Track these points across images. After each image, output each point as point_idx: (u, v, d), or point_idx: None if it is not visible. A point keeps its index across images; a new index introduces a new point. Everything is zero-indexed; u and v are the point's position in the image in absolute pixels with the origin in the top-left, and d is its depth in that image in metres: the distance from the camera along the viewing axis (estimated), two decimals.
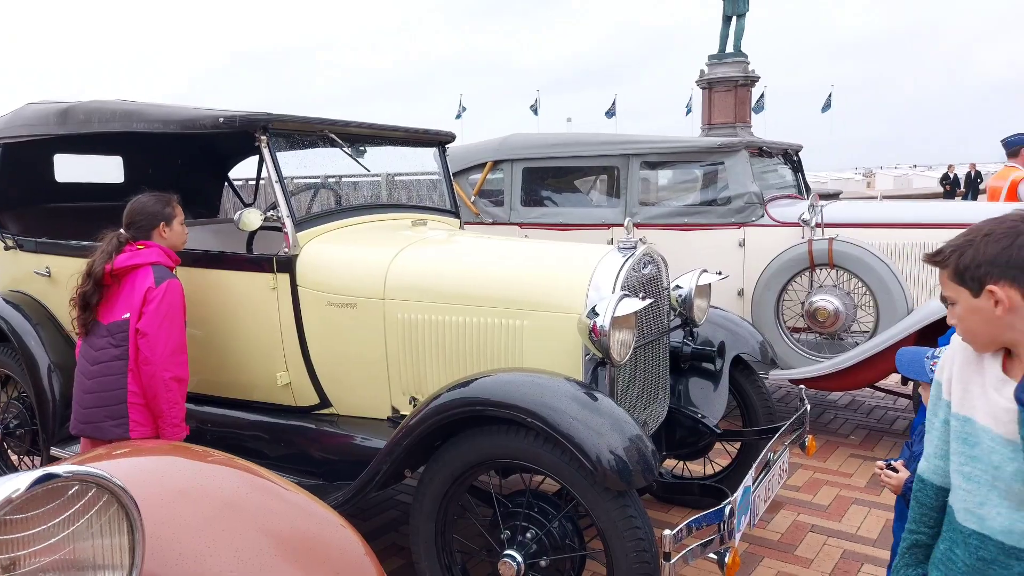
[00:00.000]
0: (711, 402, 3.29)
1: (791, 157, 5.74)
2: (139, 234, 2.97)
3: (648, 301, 2.67)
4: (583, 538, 2.44)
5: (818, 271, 4.54)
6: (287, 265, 3.05)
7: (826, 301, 4.45)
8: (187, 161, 4.90)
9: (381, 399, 3.10)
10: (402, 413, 3.06)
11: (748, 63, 23.52)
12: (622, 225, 5.18)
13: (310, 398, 3.19)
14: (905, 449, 2.32)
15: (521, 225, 5.58)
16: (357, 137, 3.48)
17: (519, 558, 2.36)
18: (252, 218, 2.95)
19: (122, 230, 2.97)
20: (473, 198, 5.84)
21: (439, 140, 4.01)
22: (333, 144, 3.34)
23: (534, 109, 49.57)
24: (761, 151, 5.21)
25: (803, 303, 4.56)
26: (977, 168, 21.75)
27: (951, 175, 21.97)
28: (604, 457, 2.16)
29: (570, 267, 2.83)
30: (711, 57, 23.46)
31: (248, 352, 3.19)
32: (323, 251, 3.09)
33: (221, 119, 2.99)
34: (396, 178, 4.50)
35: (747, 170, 4.86)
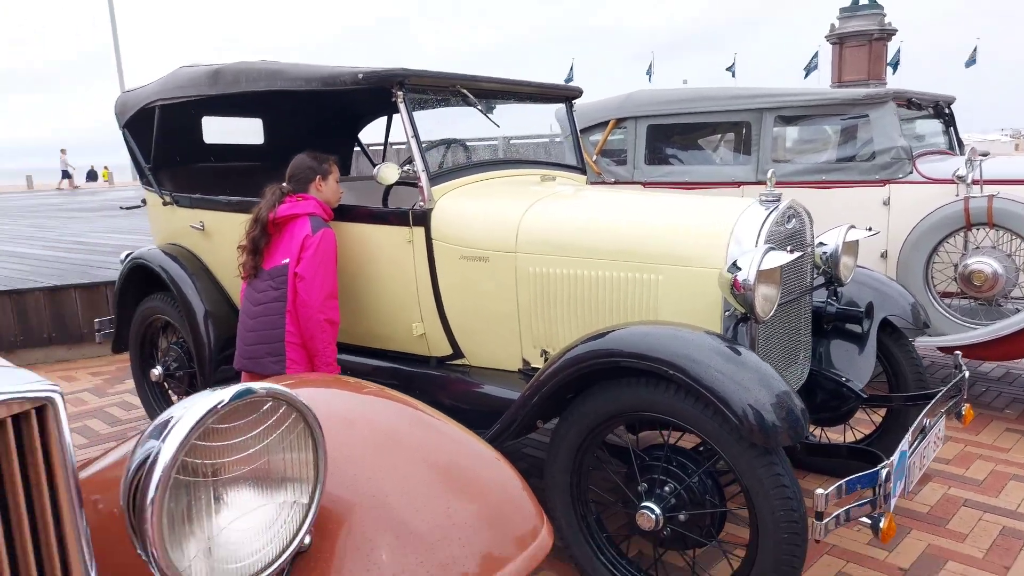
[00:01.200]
0: (856, 365, 3.12)
1: (942, 110, 5.30)
2: (298, 187, 3.22)
3: (797, 254, 2.54)
4: (723, 495, 2.38)
5: (974, 231, 4.19)
6: (422, 219, 3.11)
7: (984, 263, 4.10)
8: (321, 123, 5.08)
9: (512, 351, 3.13)
10: (533, 365, 3.08)
11: (884, 15, 21.92)
12: (753, 183, 5.00)
13: (444, 349, 3.26)
14: None
15: (645, 184, 5.46)
16: (487, 93, 3.48)
17: (658, 510, 2.33)
18: (390, 172, 3.02)
19: (284, 184, 3.22)
20: (595, 157, 5.76)
21: (567, 95, 3.95)
22: (465, 100, 3.35)
23: (648, 73, 48.28)
24: (910, 103, 4.83)
25: (956, 265, 4.23)
26: None
27: None
28: (752, 412, 2.08)
29: (709, 220, 2.73)
30: (843, 10, 21.99)
31: (385, 303, 3.29)
32: (456, 205, 3.13)
33: (360, 75, 3.06)
34: (523, 137, 4.49)
35: (894, 123, 4.52)
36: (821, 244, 3.08)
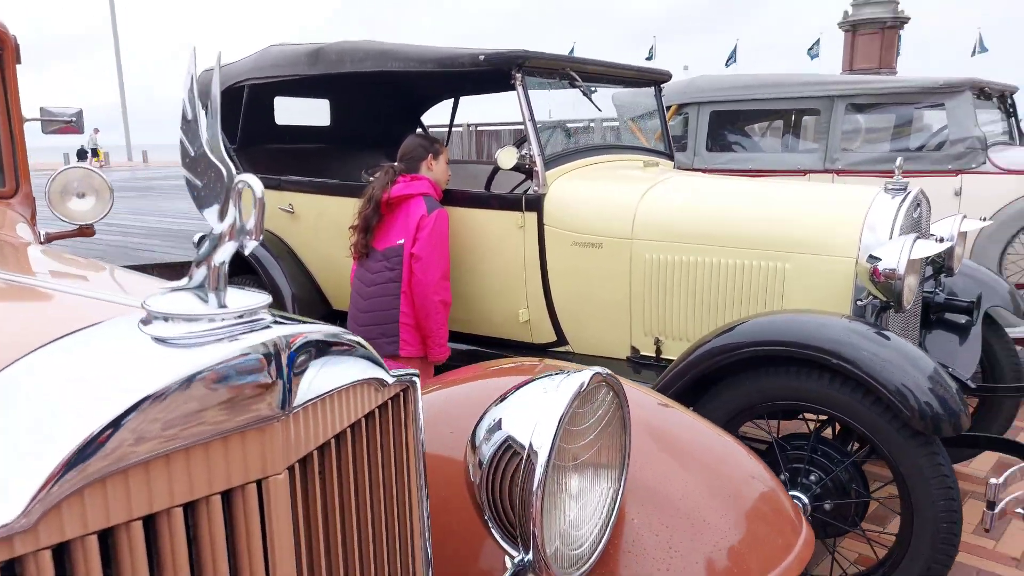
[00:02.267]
0: (962, 356, 3.14)
1: (1005, 100, 5.31)
2: (410, 166, 3.20)
3: (947, 244, 2.55)
4: (867, 484, 2.40)
5: None
6: (535, 204, 3.10)
7: None
8: (386, 106, 5.04)
9: (620, 339, 3.13)
10: (643, 353, 3.09)
11: (897, 2, 21.84)
12: (820, 171, 5.01)
13: (547, 335, 3.26)
14: None
15: (705, 171, 5.45)
16: (590, 77, 3.47)
17: (805, 499, 2.35)
18: (508, 156, 3.01)
19: (396, 163, 3.19)
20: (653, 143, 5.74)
21: (657, 79, 3.93)
22: (572, 83, 3.33)
23: (649, 57, 47.99)
24: (981, 92, 4.83)
25: None
26: None
27: None
28: (917, 400, 2.10)
29: (840, 208, 2.74)
30: None
31: (492, 288, 3.29)
32: (569, 190, 3.12)
33: (481, 56, 3.04)
34: (612, 121, 4.46)
35: (970, 112, 4.53)
36: (935, 233, 3.09)
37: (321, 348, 0.83)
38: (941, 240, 2.62)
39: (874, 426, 2.22)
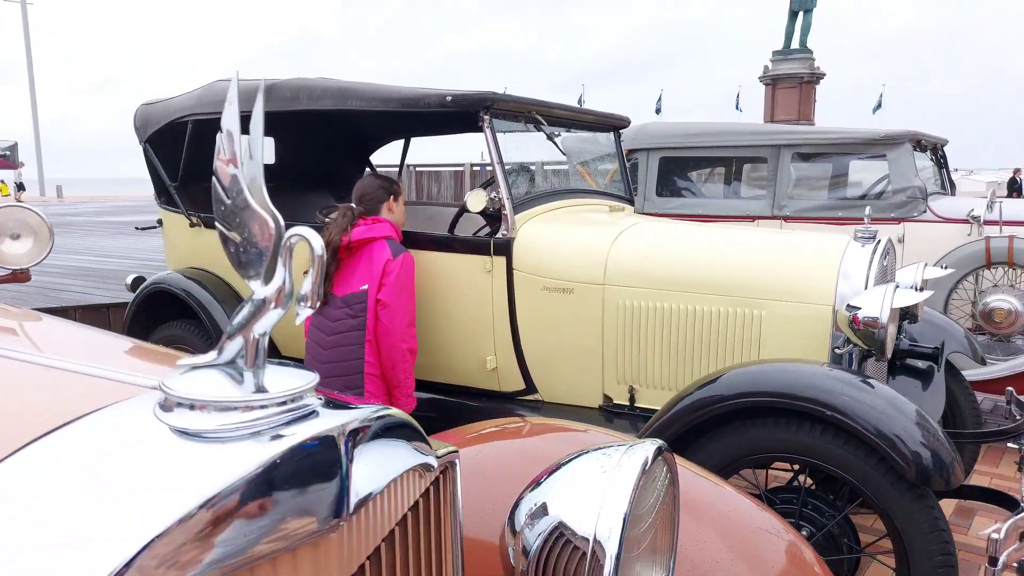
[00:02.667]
0: (926, 402, 3.15)
1: (937, 151, 5.55)
2: (370, 207, 3.03)
3: (927, 293, 2.55)
4: (858, 537, 2.34)
5: (992, 270, 4.37)
6: (504, 248, 2.99)
7: (1004, 301, 4.28)
8: (333, 145, 4.88)
9: (592, 387, 3.02)
10: (616, 402, 2.99)
11: (814, 59, 23.08)
12: (768, 217, 5.09)
13: (515, 383, 3.13)
14: None
15: (655, 216, 5.47)
16: (553, 121, 3.41)
17: None
18: (477, 200, 2.90)
19: (353, 205, 3.01)
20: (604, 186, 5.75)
21: (616, 125, 3.92)
22: (537, 127, 3.27)
23: (579, 103, 49.22)
24: (918, 144, 5.03)
25: (974, 303, 4.40)
26: None
27: (1019, 179, 21.20)
28: (914, 453, 2.06)
29: (813, 255, 2.73)
30: (776, 53, 23.01)
31: (459, 335, 3.14)
32: (538, 234, 3.02)
33: (449, 97, 2.93)
34: (560, 164, 4.41)
35: (911, 163, 4.69)
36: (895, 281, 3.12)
37: (375, 433, 0.68)
38: (921, 289, 2.64)
39: (867, 478, 2.16)
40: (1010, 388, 3.39)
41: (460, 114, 3.06)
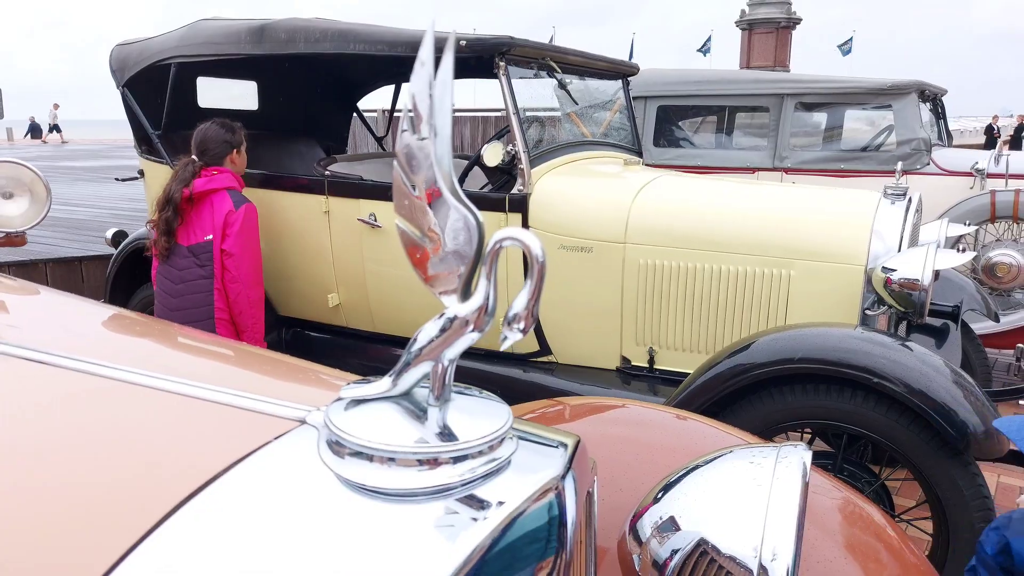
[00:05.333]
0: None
1: (936, 102, 5.47)
2: (212, 160, 3.05)
3: (969, 255, 2.49)
4: (893, 504, 2.31)
5: (996, 224, 4.34)
6: (520, 205, 2.85)
7: (1007, 255, 4.26)
8: (318, 90, 4.63)
9: (610, 348, 2.94)
10: (635, 364, 2.91)
11: (791, 3, 22.81)
12: (769, 169, 4.99)
13: (530, 345, 3.03)
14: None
15: (654, 167, 5.34)
16: (566, 68, 3.23)
17: None
18: (494, 153, 2.74)
19: (194, 156, 3.03)
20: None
21: (625, 72, 3.75)
22: (550, 74, 3.09)
23: None
24: (922, 94, 4.94)
25: (976, 257, 4.38)
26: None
27: (995, 126, 21.34)
28: (968, 421, 2.01)
29: (844, 213, 2.64)
30: None
31: None
32: (555, 190, 2.88)
33: (463, 42, 2.74)
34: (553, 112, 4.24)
35: (916, 114, 4.61)
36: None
37: (566, 471, 0.56)
38: (963, 250, 2.57)
39: (910, 445, 2.11)
40: (1021, 344, 3.38)
41: (467, 60, 2.88)
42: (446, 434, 0.48)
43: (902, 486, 3.10)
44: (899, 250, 2.52)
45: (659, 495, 0.90)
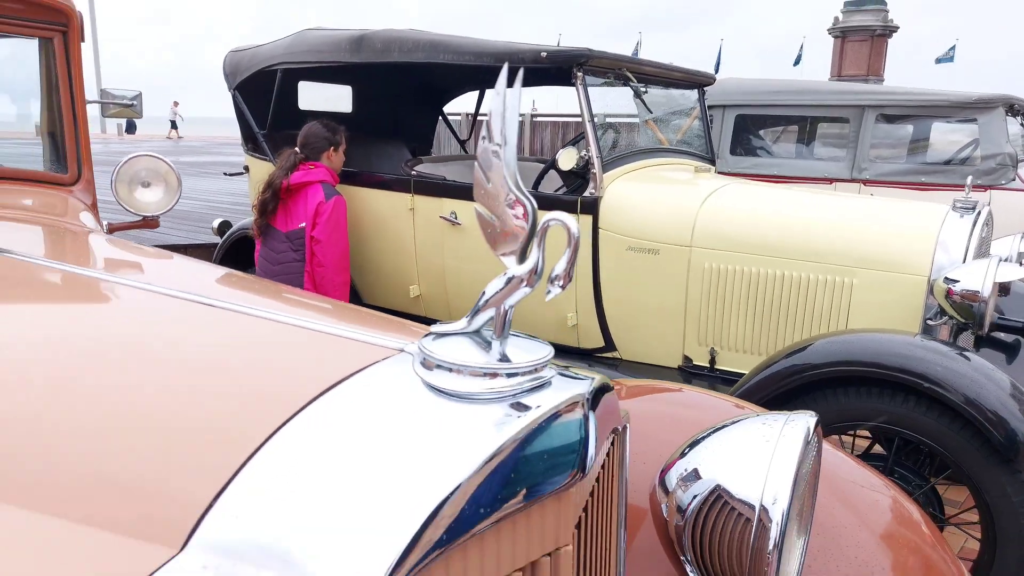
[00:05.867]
0: (1013, 376, 3.12)
1: None
2: (312, 154, 3.36)
3: None
4: (944, 508, 2.37)
5: None
6: (591, 207, 3.02)
7: None
8: (407, 95, 4.91)
9: (672, 347, 3.07)
10: (696, 363, 3.03)
11: (887, 11, 22.05)
12: (847, 180, 4.98)
13: (595, 340, 3.19)
14: None
15: (729, 175, 5.40)
16: (641, 77, 3.38)
17: None
18: (569, 157, 2.92)
19: (296, 149, 3.35)
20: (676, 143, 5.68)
21: (702, 82, 3.86)
22: (626, 83, 3.25)
23: (635, 53, 47.88)
24: (1011, 108, 4.84)
25: None
26: None
27: None
28: (1012, 426, 2.06)
29: (911, 224, 2.70)
30: (847, 4, 22.08)
31: (539, 291, 3.19)
32: (625, 193, 3.04)
33: (544, 53, 2.93)
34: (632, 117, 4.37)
35: (1003, 129, 4.53)
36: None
37: (594, 400, 0.74)
38: (1021, 260, 2.59)
39: (957, 449, 2.17)
40: None
41: (548, 70, 3.06)
42: (503, 358, 0.67)
43: (950, 491, 3.11)
44: (964, 262, 2.56)
45: (685, 451, 1.06)
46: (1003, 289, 3.10)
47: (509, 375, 0.65)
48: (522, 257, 0.65)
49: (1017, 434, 2.07)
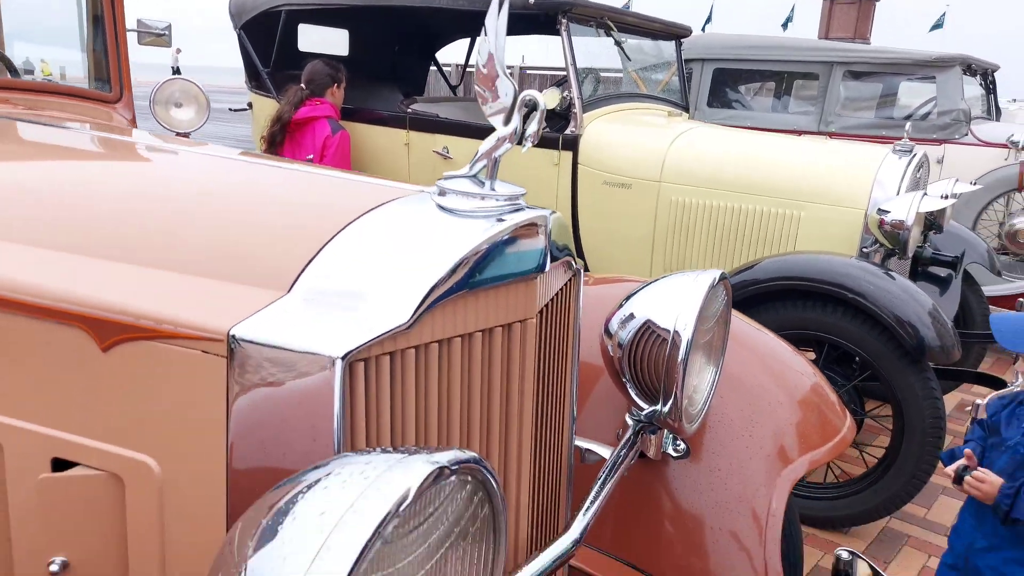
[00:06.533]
0: (943, 304, 3.49)
1: (987, 76, 5.65)
2: (316, 90, 3.61)
3: (951, 201, 2.87)
4: (864, 405, 2.75)
5: (1023, 193, 4.60)
6: (572, 144, 3.33)
7: None
8: (402, 40, 5.14)
9: (641, 274, 3.41)
10: None
11: None
12: (815, 132, 5.30)
13: None
14: (975, 430, 2.04)
15: None
16: (623, 27, 3.66)
17: None
18: (552, 97, 3.22)
19: (302, 85, 3.59)
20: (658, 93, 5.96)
21: (679, 34, 4.14)
22: (607, 33, 3.53)
23: (626, 6, 47.55)
24: (968, 68, 5.16)
25: (1002, 223, 4.65)
26: None
27: None
28: (920, 331, 2.43)
29: (853, 165, 3.03)
30: None
31: None
32: (603, 132, 3.34)
33: (531, 0, 3.21)
34: (616, 72, 4.65)
35: (958, 86, 4.85)
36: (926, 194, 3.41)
37: (556, 226, 1.07)
38: (945, 197, 2.94)
39: (877, 353, 2.55)
40: (1021, 299, 3.72)
41: (534, 17, 3.33)
42: (492, 190, 0.99)
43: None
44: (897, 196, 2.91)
45: (623, 302, 1.40)
46: (936, 227, 3.46)
47: (496, 199, 0.98)
48: (507, 120, 0.97)
49: (926, 340, 2.44)
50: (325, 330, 0.81)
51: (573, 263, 1.21)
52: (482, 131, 3.87)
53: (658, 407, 1.31)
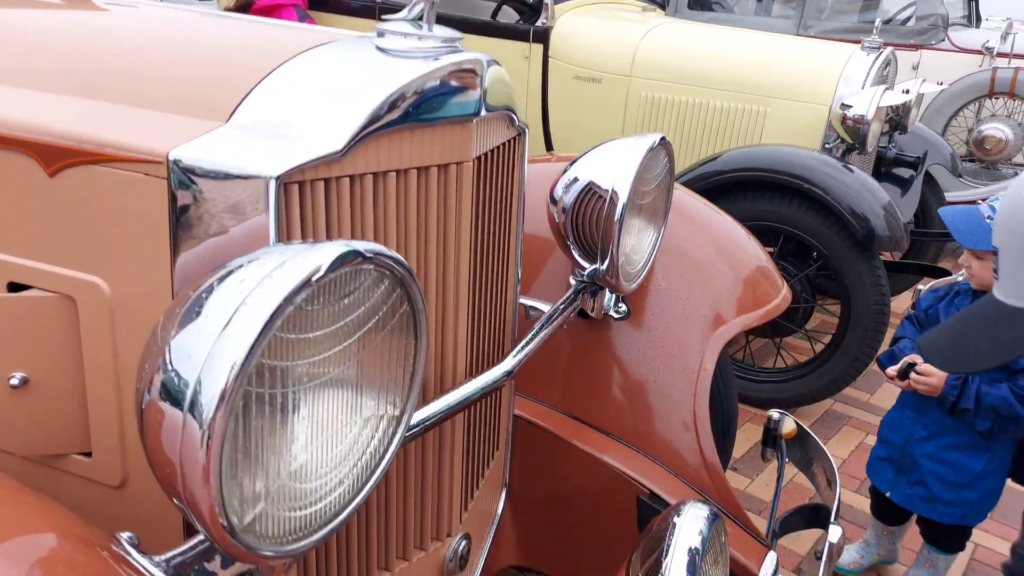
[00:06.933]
0: (903, 204, 3.58)
1: None
2: None
3: (911, 95, 2.90)
4: (815, 295, 2.86)
5: (993, 100, 4.63)
6: (543, 36, 3.29)
7: (997, 129, 4.58)
8: None
9: None
10: None
11: None
12: (791, 35, 5.24)
13: None
14: (906, 327, 2.08)
15: None
16: None
17: None
18: None
19: None
20: None
21: None
22: None
23: None
24: None
25: (971, 130, 4.70)
26: None
27: None
28: (871, 222, 2.51)
29: (820, 59, 3.04)
30: None
31: None
32: (575, 25, 3.31)
33: None
34: None
35: None
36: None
37: (491, 65, 1.10)
38: (906, 92, 2.97)
39: (830, 243, 2.63)
40: (980, 202, 3.79)
41: None
42: (430, 33, 1.02)
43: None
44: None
45: (567, 167, 1.44)
46: (901, 127, 3.50)
47: (433, 41, 1.01)
48: None
49: (876, 230, 2.52)
50: (260, 154, 0.86)
51: (516, 120, 1.24)
52: (452, 19, 3.83)
53: (597, 265, 1.38)
